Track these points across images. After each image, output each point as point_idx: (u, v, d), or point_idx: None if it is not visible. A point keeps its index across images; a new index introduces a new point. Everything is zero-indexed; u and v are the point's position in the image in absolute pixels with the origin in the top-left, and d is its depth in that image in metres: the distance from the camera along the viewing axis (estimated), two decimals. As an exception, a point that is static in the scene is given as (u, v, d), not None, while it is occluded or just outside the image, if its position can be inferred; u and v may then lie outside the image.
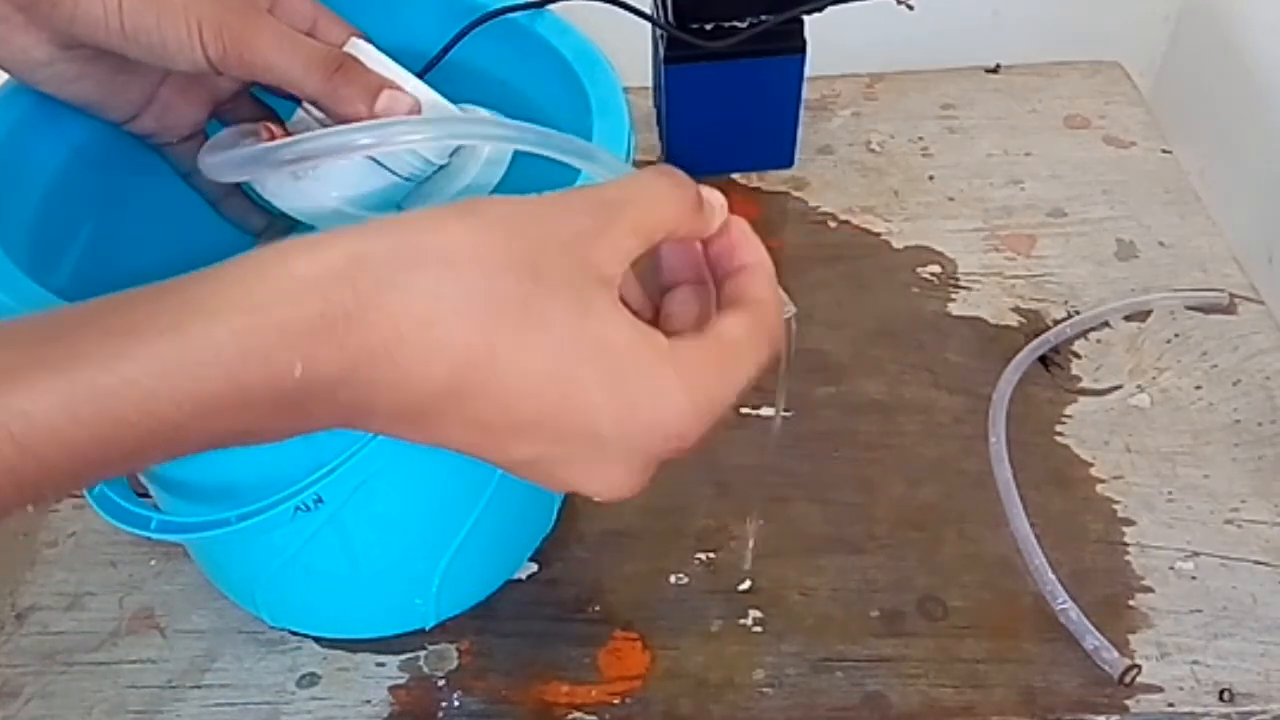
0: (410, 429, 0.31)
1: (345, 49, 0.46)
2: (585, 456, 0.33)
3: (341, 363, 0.29)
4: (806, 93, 0.77)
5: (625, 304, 0.33)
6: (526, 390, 0.31)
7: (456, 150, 0.48)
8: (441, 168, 0.48)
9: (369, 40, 0.47)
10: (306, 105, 0.47)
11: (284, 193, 0.47)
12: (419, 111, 0.45)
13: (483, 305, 0.30)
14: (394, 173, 0.46)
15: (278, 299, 0.29)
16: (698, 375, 0.33)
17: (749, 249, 0.37)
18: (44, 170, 0.49)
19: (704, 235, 0.37)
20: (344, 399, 0.30)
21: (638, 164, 0.43)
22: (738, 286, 0.36)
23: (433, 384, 0.30)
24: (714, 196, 0.36)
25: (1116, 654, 0.53)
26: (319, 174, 0.46)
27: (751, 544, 0.58)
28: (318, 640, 0.56)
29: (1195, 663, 0.54)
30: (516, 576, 0.58)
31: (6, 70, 0.45)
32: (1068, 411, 0.65)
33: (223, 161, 0.43)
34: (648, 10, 0.77)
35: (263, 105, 0.52)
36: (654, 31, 0.77)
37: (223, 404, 0.28)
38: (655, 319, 0.37)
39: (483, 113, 0.47)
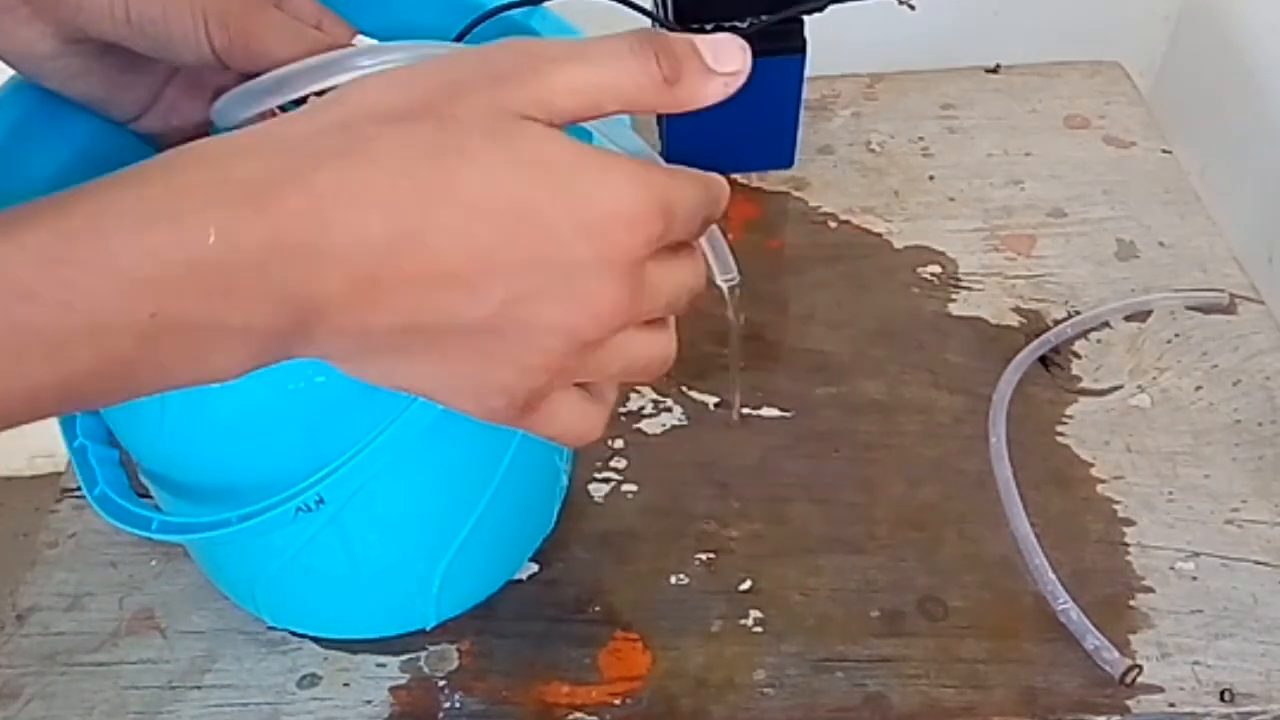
0: (369, 309, 0.30)
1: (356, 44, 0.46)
2: (561, 277, 0.31)
3: (263, 230, 0.28)
4: (806, 93, 0.77)
5: None
6: (472, 222, 0.29)
7: None
8: None
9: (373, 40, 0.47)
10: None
11: None
12: None
13: (395, 151, 0.29)
14: None
15: (185, 169, 0.28)
16: (642, 165, 0.32)
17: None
18: (46, 170, 0.49)
19: (690, 107, 0.34)
20: (277, 277, 0.28)
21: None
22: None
23: (371, 236, 0.29)
24: (713, 54, 0.34)
25: (1117, 654, 0.53)
26: None
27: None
28: (318, 641, 0.56)
29: (1196, 663, 0.54)
30: (517, 577, 0.58)
31: (11, 65, 0.45)
32: (1068, 411, 0.65)
33: (233, 99, 0.44)
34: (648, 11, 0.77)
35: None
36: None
37: (139, 276, 0.27)
38: None
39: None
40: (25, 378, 0.27)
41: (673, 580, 0.58)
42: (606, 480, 0.62)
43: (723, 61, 0.34)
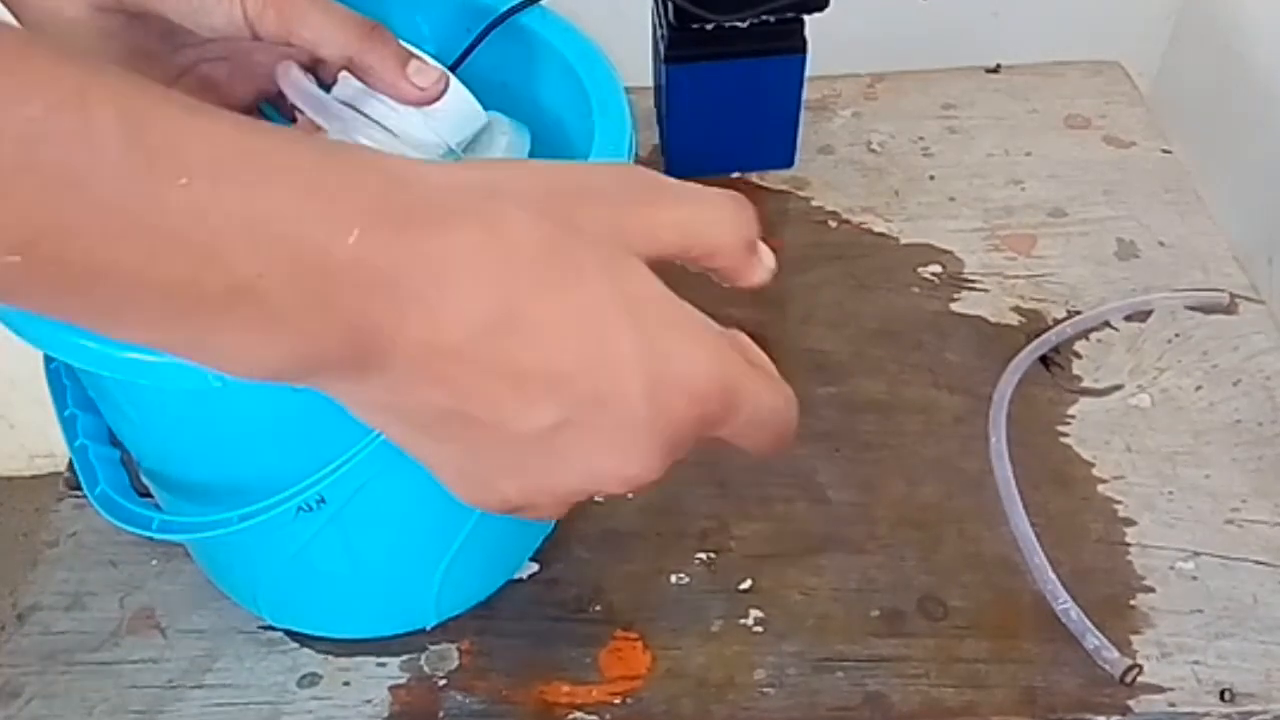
0: (432, 380, 0.29)
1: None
2: (613, 425, 0.31)
3: (393, 254, 0.27)
4: (807, 93, 0.77)
5: None
6: (561, 339, 0.29)
7: (472, 143, 0.48)
8: (457, 155, 0.48)
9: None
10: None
11: None
12: (447, 83, 0.46)
13: (524, 241, 0.29)
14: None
15: (357, 168, 0.28)
16: (732, 356, 0.32)
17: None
18: None
19: (740, 282, 0.36)
20: (376, 304, 0.27)
21: (638, 161, 0.43)
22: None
23: (472, 310, 0.28)
24: (768, 256, 0.36)
25: (1117, 654, 0.53)
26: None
27: None
28: (319, 640, 0.56)
29: (1196, 663, 0.54)
30: (517, 576, 0.58)
31: (33, 27, 0.44)
32: (1068, 411, 0.65)
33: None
34: (648, 11, 0.77)
35: (269, 118, 0.52)
36: (654, 31, 0.77)
37: (271, 232, 0.26)
38: None
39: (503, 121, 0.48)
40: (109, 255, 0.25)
41: (673, 580, 0.58)
42: (607, 480, 0.62)
43: (768, 259, 0.36)
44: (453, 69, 0.51)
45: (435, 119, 0.47)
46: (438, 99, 0.46)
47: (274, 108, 0.52)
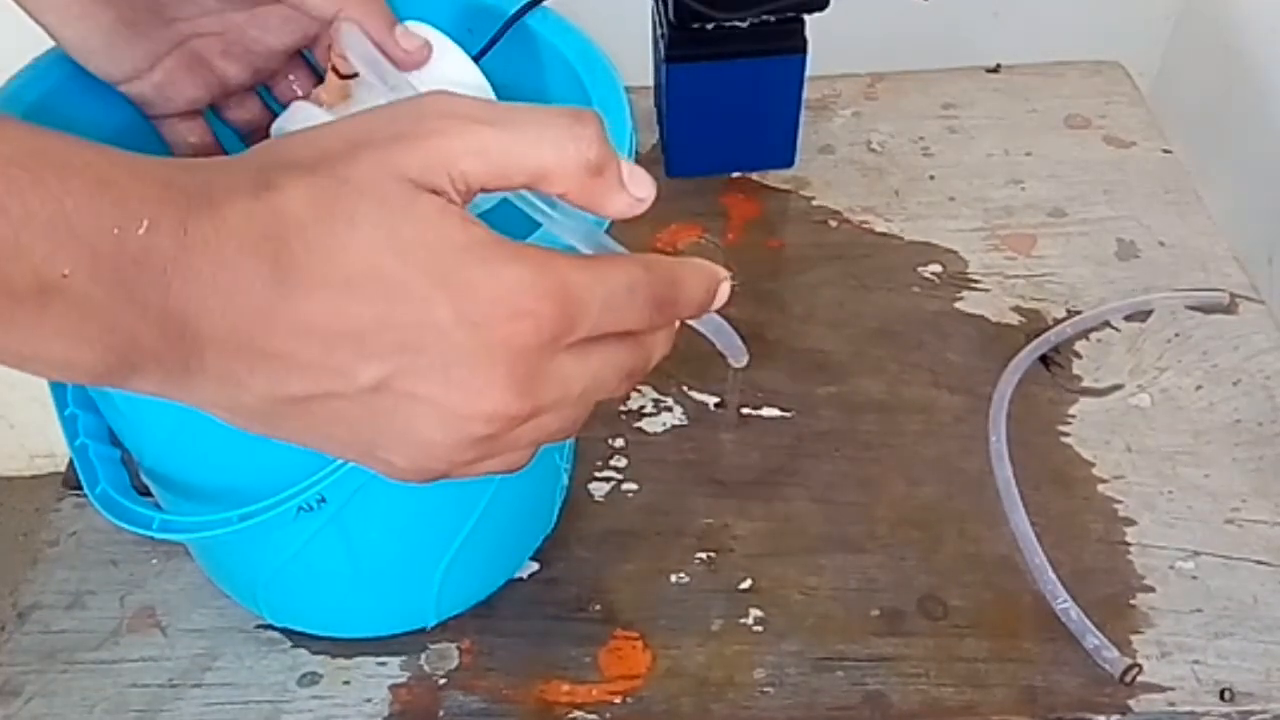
0: (245, 368, 0.29)
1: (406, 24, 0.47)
2: (439, 359, 0.30)
3: (179, 240, 0.27)
4: (807, 93, 0.77)
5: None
6: (347, 298, 0.29)
7: None
8: None
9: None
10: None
11: None
12: (429, 50, 0.47)
13: (291, 208, 0.29)
14: None
15: (156, 164, 0.28)
16: (542, 253, 0.30)
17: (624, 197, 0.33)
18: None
19: (597, 211, 0.33)
20: (174, 289, 0.28)
21: (639, 156, 0.43)
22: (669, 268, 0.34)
23: (255, 289, 0.28)
24: (636, 182, 0.33)
25: (1117, 653, 0.53)
26: None
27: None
28: (319, 639, 0.56)
29: (1196, 662, 0.54)
30: (517, 576, 0.58)
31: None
32: (1068, 411, 0.65)
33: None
34: (648, 11, 0.77)
35: (265, 107, 0.52)
36: (654, 31, 0.77)
37: (60, 215, 0.26)
38: None
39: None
40: None
41: (673, 579, 0.58)
42: (607, 479, 0.62)
43: (635, 185, 0.33)
44: None
45: None
46: (420, 65, 0.47)
47: (270, 92, 0.52)
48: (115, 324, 0.28)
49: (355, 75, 0.46)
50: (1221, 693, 0.52)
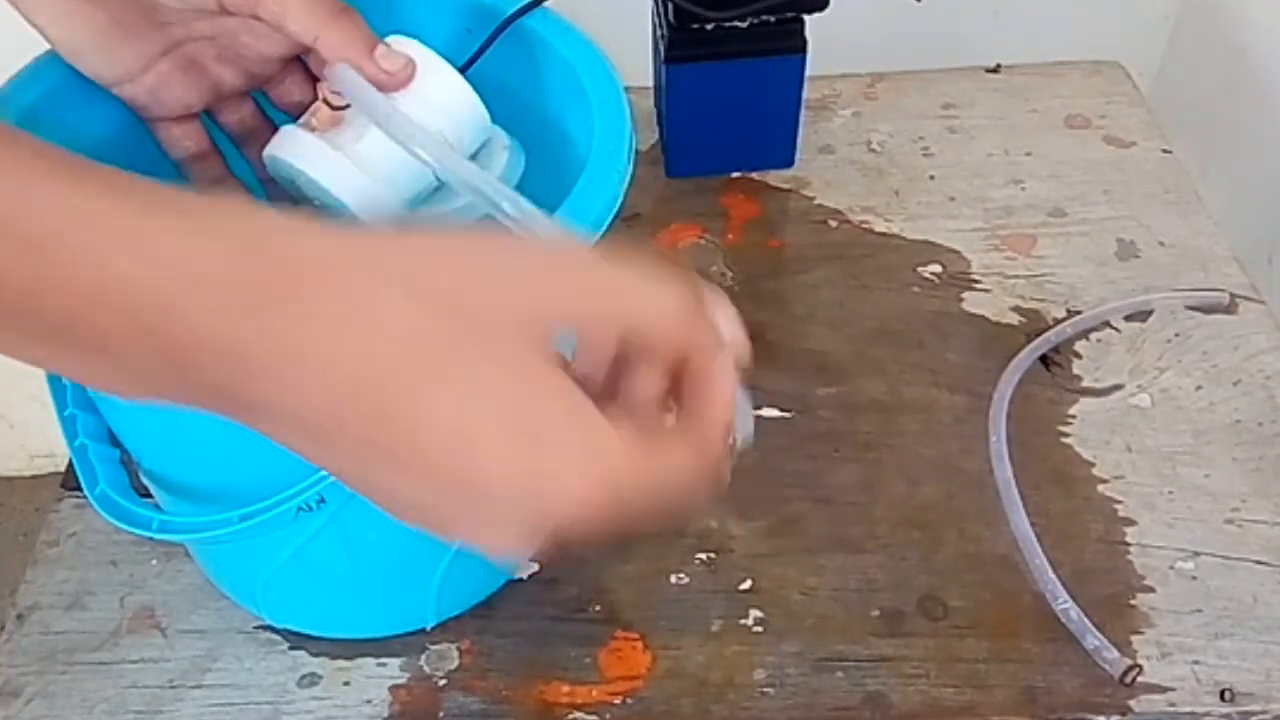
0: (304, 437, 0.30)
1: (389, 41, 0.47)
2: (470, 509, 0.31)
3: (244, 329, 0.27)
4: (807, 93, 0.77)
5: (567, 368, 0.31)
6: (430, 427, 0.29)
7: (474, 156, 0.49)
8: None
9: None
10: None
11: (321, 167, 0.47)
12: (413, 68, 0.46)
13: (400, 336, 0.28)
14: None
15: (214, 236, 0.28)
16: (619, 459, 0.31)
17: (724, 386, 0.34)
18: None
19: (702, 386, 0.33)
20: (232, 372, 0.28)
21: (639, 156, 0.43)
22: (695, 400, 0.34)
23: (338, 386, 0.28)
24: (738, 347, 0.34)
25: (1117, 654, 0.53)
26: (361, 153, 0.46)
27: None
28: (318, 640, 0.56)
29: (1196, 662, 0.54)
30: (517, 576, 0.58)
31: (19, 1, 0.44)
32: (1068, 411, 0.65)
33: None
34: (648, 11, 0.77)
35: (261, 112, 0.52)
36: (654, 31, 0.77)
37: (112, 289, 0.27)
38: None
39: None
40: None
41: (673, 580, 0.58)
42: (607, 480, 0.62)
43: (736, 346, 0.34)
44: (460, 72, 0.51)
45: (446, 119, 0.47)
46: (404, 85, 0.46)
47: (265, 96, 0.52)
48: (164, 383, 0.29)
49: (347, 107, 0.46)
50: (1221, 693, 0.52)
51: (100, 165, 0.28)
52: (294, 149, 0.47)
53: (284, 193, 0.50)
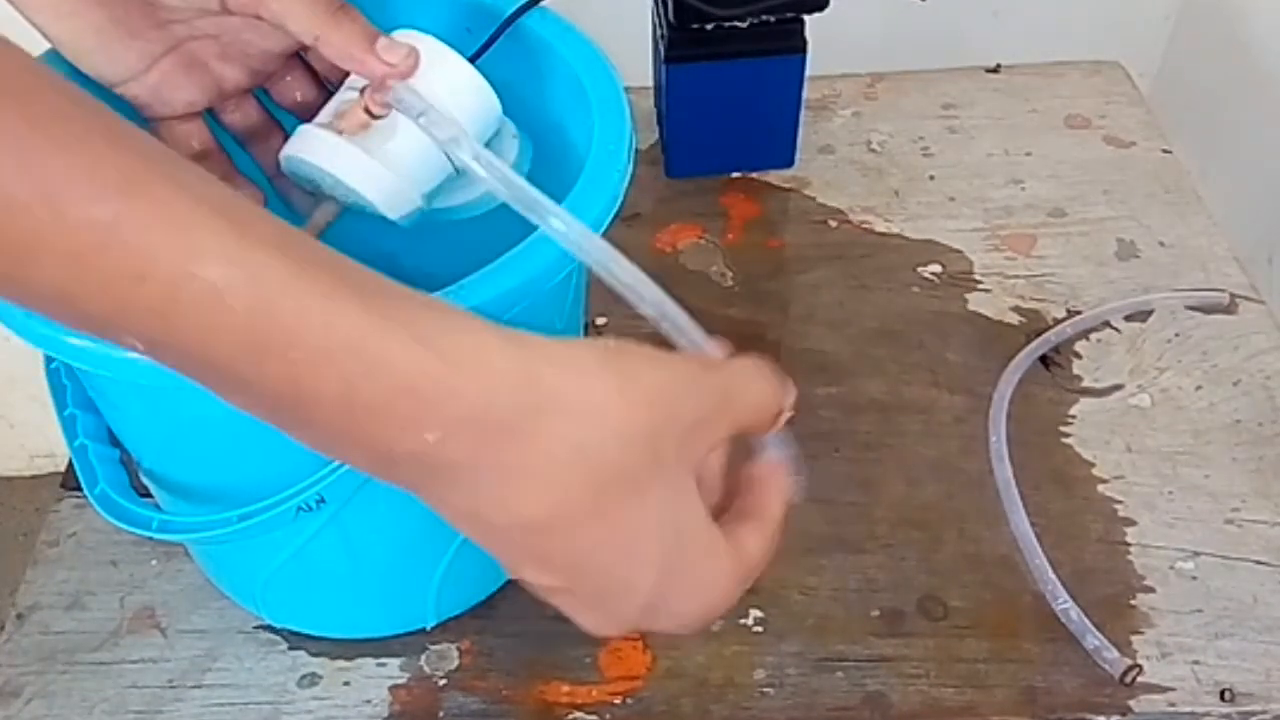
0: (471, 529, 0.33)
1: (398, 35, 0.47)
2: (596, 609, 0.35)
3: (468, 452, 0.30)
4: (807, 93, 0.77)
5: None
6: (599, 549, 0.32)
7: (488, 144, 0.49)
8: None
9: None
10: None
11: (358, 174, 0.47)
12: (416, 59, 0.46)
13: (603, 467, 0.31)
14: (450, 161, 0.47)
15: (456, 368, 0.29)
16: (728, 584, 0.36)
17: (779, 475, 0.39)
18: None
19: (767, 467, 0.39)
20: (436, 482, 0.31)
21: (639, 156, 0.43)
22: (761, 503, 0.38)
23: (525, 513, 0.31)
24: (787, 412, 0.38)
25: (1117, 654, 0.53)
26: (391, 153, 0.46)
27: None
28: (318, 640, 0.56)
29: (1196, 663, 0.54)
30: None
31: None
32: (1068, 411, 0.65)
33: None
34: (648, 11, 0.77)
35: (264, 110, 0.52)
36: (654, 31, 0.77)
37: (352, 394, 0.29)
38: None
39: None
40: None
41: (673, 580, 0.58)
42: (607, 480, 0.62)
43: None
44: None
45: (460, 110, 0.47)
46: (409, 74, 0.46)
47: (267, 94, 0.52)
48: (367, 469, 0.31)
49: (384, 116, 0.47)
50: (1221, 693, 0.52)
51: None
52: (325, 154, 0.47)
53: (291, 188, 0.51)
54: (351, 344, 0.28)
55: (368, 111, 0.47)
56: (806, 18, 0.73)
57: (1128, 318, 0.70)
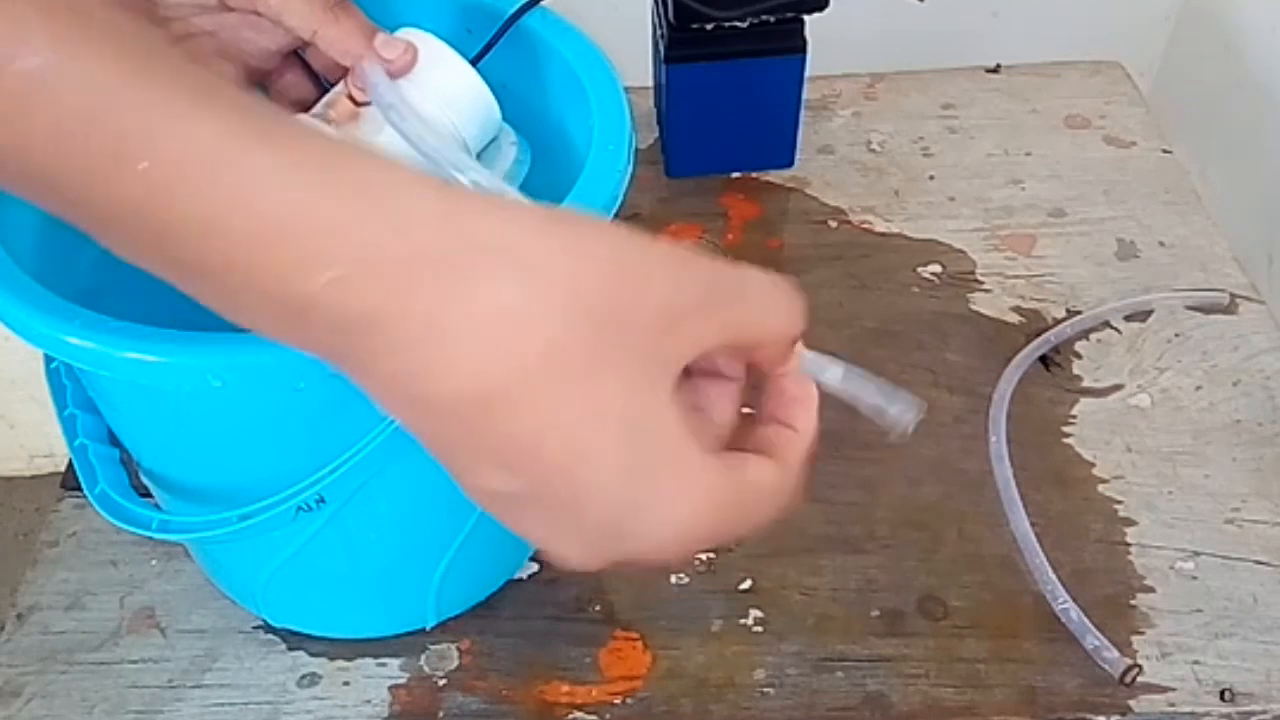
0: (407, 409, 0.29)
1: (400, 34, 0.47)
2: (558, 521, 0.30)
3: (374, 304, 0.26)
4: (807, 93, 0.77)
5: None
6: (545, 437, 0.28)
7: (485, 149, 0.49)
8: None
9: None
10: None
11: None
12: (414, 53, 0.46)
13: (547, 341, 0.27)
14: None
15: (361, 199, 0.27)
16: (709, 506, 0.31)
17: (806, 412, 0.36)
18: None
19: (780, 368, 0.36)
20: (355, 341, 0.27)
21: (639, 156, 0.43)
22: (778, 440, 0.35)
23: (454, 385, 0.27)
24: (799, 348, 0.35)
25: (1117, 654, 0.53)
26: (381, 146, 0.46)
27: None
28: (318, 640, 0.56)
29: (1196, 663, 0.54)
30: (517, 576, 0.58)
31: None
32: (1068, 411, 0.65)
33: None
34: (648, 11, 0.77)
35: None
36: (654, 31, 0.77)
37: (262, 223, 0.26)
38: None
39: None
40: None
41: (673, 580, 0.58)
42: (607, 480, 0.62)
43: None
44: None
45: (457, 113, 0.47)
46: (407, 70, 0.46)
47: (266, 93, 0.52)
48: (284, 337, 0.29)
49: (369, 104, 0.46)
50: (1221, 693, 0.52)
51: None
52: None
53: None
54: (212, 157, 0.25)
55: (352, 99, 0.47)
56: (806, 18, 0.73)
57: (1128, 318, 0.70)
